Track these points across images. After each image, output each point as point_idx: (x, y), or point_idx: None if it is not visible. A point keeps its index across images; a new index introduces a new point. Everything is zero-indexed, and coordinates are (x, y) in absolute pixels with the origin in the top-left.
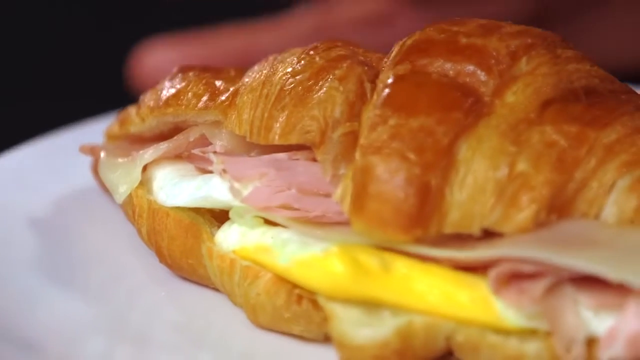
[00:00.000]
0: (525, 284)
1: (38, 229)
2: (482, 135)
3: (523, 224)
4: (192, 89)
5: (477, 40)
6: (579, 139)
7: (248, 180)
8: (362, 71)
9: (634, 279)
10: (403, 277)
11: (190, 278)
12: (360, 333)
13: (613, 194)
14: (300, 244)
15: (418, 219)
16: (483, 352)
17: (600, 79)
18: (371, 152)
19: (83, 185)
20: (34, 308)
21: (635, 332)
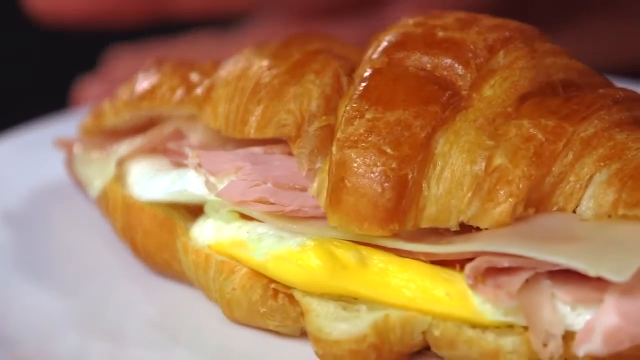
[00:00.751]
0: (502, 279)
1: (12, 224)
2: (459, 129)
3: (500, 218)
4: (166, 83)
5: (454, 33)
6: (557, 133)
7: (223, 174)
8: (339, 65)
9: (611, 274)
10: (379, 271)
11: (165, 273)
12: (337, 328)
13: (590, 188)
14: (276, 238)
15: (395, 213)
16: (460, 346)
17: (578, 73)
18: (348, 146)
19: (57, 180)
20: (7, 303)
21: (613, 327)
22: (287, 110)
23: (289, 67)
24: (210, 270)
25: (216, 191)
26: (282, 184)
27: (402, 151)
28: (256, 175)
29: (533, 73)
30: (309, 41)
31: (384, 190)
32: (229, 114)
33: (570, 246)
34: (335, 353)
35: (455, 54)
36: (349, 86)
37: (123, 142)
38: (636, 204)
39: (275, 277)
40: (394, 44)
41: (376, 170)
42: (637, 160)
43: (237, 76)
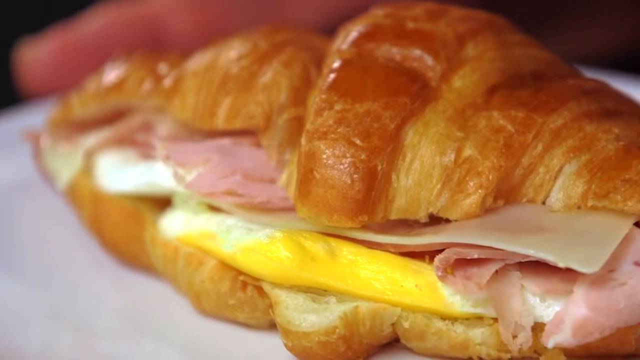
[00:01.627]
0: (472, 270)
1: None
2: (429, 121)
3: (470, 209)
4: (134, 74)
5: (424, 24)
6: (526, 124)
7: (192, 166)
8: (307, 56)
9: (581, 265)
10: (349, 263)
11: (134, 265)
12: (306, 319)
13: (560, 179)
14: (245, 230)
15: (364, 204)
16: (429, 338)
17: (546, 63)
18: (317, 137)
19: (24, 173)
20: None
21: (582, 318)
22: (256, 102)
23: (257, 58)
24: (178, 262)
25: (184, 183)
26: (250, 176)
27: (371, 142)
28: (225, 167)
29: (502, 64)
30: (276, 32)
31: (353, 182)
32: (197, 106)
33: (539, 237)
34: (304, 345)
35: (424, 45)
36: (317, 77)
37: (91, 134)
38: (605, 195)
39: (244, 269)
40: (364, 34)
41: (345, 161)
42: (606, 152)
43: (205, 68)
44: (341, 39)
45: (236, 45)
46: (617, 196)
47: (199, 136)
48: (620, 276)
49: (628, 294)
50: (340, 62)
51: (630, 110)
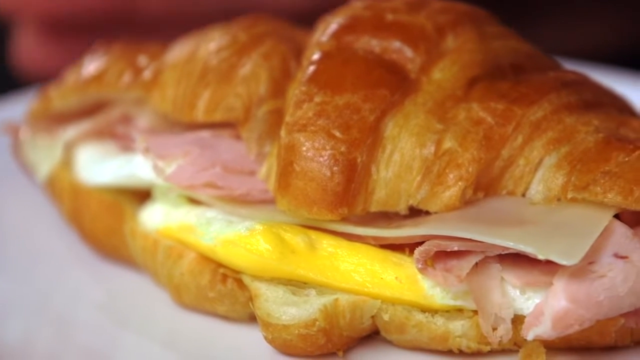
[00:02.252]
0: (452, 263)
1: None
2: (408, 113)
3: (450, 202)
4: (114, 67)
5: (403, 16)
6: (506, 117)
7: (172, 158)
8: (287, 48)
9: (560, 257)
10: (329, 255)
11: (114, 258)
12: (286, 312)
13: (540, 171)
14: (224, 222)
15: (344, 197)
16: (409, 330)
17: (526, 55)
18: (297, 130)
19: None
20: None
21: (562, 310)
22: (236, 94)
23: (237, 50)
24: (158, 254)
25: (164, 175)
26: (230, 168)
27: (351, 135)
28: (204, 159)
29: (482, 56)
30: (256, 24)
31: (333, 174)
32: (177, 98)
33: (519, 230)
34: (284, 337)
35: (404, 37)
36: (297, 69)
37: (70, 126)
38: (585, 187)
39: (224, 262)
40: (343, 27)
41: (325, 154)
42: (586, 144)
43: (185, 60)
44: (320, 32)
45: (215, 37)
46: (597, 188)
47: (178, 128)
48: (600, 268)
49: (607, 286)
50: (319, 54)
51: (610, 102)
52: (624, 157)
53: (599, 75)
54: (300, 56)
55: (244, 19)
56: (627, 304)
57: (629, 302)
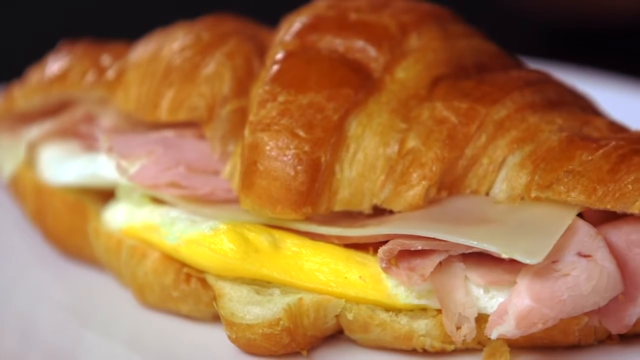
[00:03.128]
0: (415, 262)
1: None
2: (372, 112)
3: (413, 201)
4: (77, 66)
5: (367, 15)
6: (469, 116)
7: (135, 157)
8: (250, 47)
9: (524, 256)
10: (293, 255)
11: (77, 257)
12: (250, 312)
13: (503, 170)
14: (188, 222)
15: (308, 196)
16: (373, 330)
17: (490, 55)
18: (260, 129)
19: None
20: None
21: (525, 309)
22: (199, 93)
23: (200, 50)
24: (122, 254)
25: (128, 175)
26: (194, 168)
27: (314, 134)
28: (168, 158)
29: (446, 55)
30: (219, 23)
31: (297, 174)
32: (140, 97)
33: (483, 229)
34: (248, 337)
35: (367, 36)
36: (260, 69)
37: (34, 125)
38: (549, 186)
39: (187, 262)
40: (306, 26)
41: (289, 153)
42: (550, 143)
43: (148, 59)
44: (284, 31)
45: (179, 37)
46: (560, 187)
47: (142, 128)
48: (564, 267)
49: (571, 284)
50: (283, 53)
51: (573, 101)
52: (588, 156)
53: (562, 74)
54: (263, 55)
55: (207, 18)
56: (590, 302)
57: (592, 300)
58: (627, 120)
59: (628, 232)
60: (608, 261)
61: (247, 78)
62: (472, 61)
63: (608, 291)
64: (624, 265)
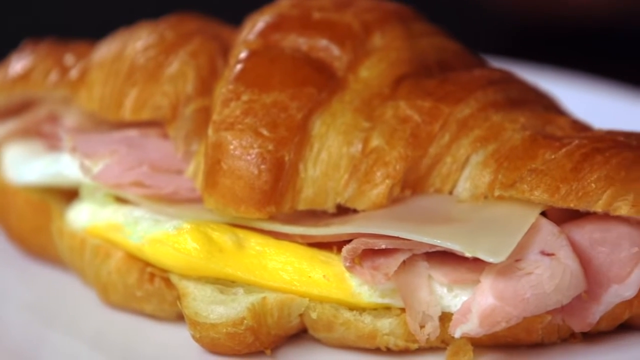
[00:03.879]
0: (379, 261)
1: None
2: (336, 111)
3: (377, 199)
4: (40, 65)
5: (330, 14)
6: (433, 114)
7: (99, 157)
8: (214, 46)
9: (487, 255)
10: (256, 254)
11: (41, 257)
12: (214, 311)
13: (467, 169)
14: (152, 221)
15: (271, 195)
16: (337, 328)
17: (453, 53)
18: (224, 128)
19: None
20: None
21: (489, 308)
22: (163, 93)
23: (164, 49)
24: (85, 254)
25: (91, 174)
26: (158, 167)
27: (278, 133)
28: (132, 158)
29: (409, 54)
30: (183, 22)
31: (261, 173)
32: (104, 97)
33: (446, 227)
34: (212, 336)
35: (331, 35)
36: (224, 68)
37: None
38: (512, 184)
39: (151, 261)
40: (270, 25)
41: (252, 152)
42: (513, 141)
43: (112, 59)
44: (247, 30)
45: (143, 36)
46: (524, 186)
47: (106, 127)
48: (527, 265)
49: (534, 283)
50: (247, 52)
51: (536, 99)
52: (551, 154)
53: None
54: (227, 54)
55: (171, 18)
56: (553, 301)
57: (555, 299)
58: (590, 118)
59: (591, 230)
60: (571, 259)
61: (211, 77)
62: (436, 60)
63: (571, 289)
64: (587, 263)
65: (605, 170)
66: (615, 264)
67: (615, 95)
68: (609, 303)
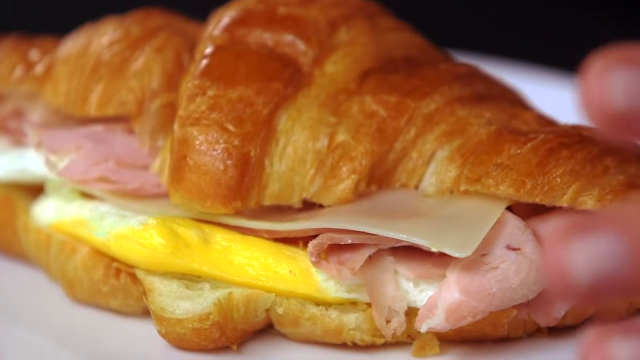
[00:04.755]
0: (345, 256)
1: None
2: (301, 106)
3: (343, 194)
4: (5, 60)
5: (296, 9)
6: (399, 109)
7: (64, 152)
8: (180, 41)
9: (453, 249)
10: (222, 249)
11: (6, 253)
12: (180, 306)
13: (432, 164)
14: (118, 217)
15: (237, 190)
16: (303, 324)
17: (419, 48)
18: (189, 124)
19: None
20: None
21: (455, 302)
22: (128, 88)
23: (129, 44)
24: (51, 249)
25: (57, 170)
26: (123, 162)
27: (244, 128)
28: (97, 153)
29: (375, 49)
30: (149, 17)
31: (227, 168)
32: (70, 92)
33: (412, 222)
34: (178, 332)
35: (296, 30)
36: (190, 63)
37: None
38: (478, 179)
39: (117, 256)
40: (235, 20)
41: (218, 147)
42: (479, 136)
43: (77, 54)
44: (213, 25)
45: (108, 31)
46: (489, 180)
47: (71, 123)
48: (493, 260)
49: (500, 277)
50: (212, 48)
51: (502, 94)
52: (516, 149)
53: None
54: (193, 50)
55: (136, 13)
56: (519, 295)
57: (521, 293)
58: (556, 113)
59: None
60: (537, 254)
61: (177, 72)
62: (402, 55)
63: (537, 284)
64: None
65: (570, 165)
66: None
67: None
68: None
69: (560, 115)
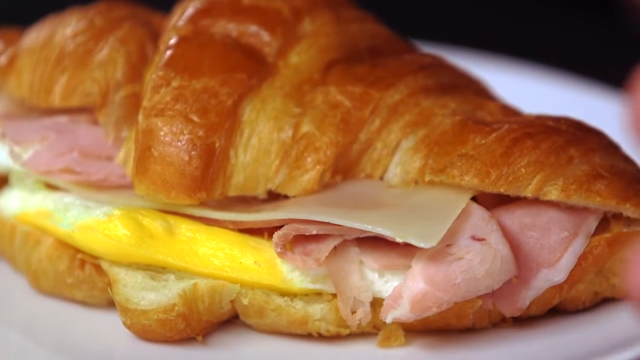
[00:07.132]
0: (310, 246)
1: None
2: (266, 97)
3: (308, 185)
4: None
5: (260, 0)
6: (363, 100)
7: (28, 143)
8: (144, 32)
9: (418, 240)
10: (187, 240)
11: None
12: (145, 297)
13: (397, 154)
14: (82, 208)
15: (202, 181)
16: (268, 314)
17: (383, 39)
18: (154, 114)
19: None
20: None
21: (419, 293)
22: (92, 79)
23: (93, 35)
24: (15, 240)
25: (21, 161)
26: (88, 153)
27: (209, 119)
28: (62, 144)
29: (339, 40)
30: (112, 8)
31: (191, 159)
32: (34, 83)
33: (377, 213)
34: (143, 323)
35: (260, 20)
36: (154, 54)
37: None
38: (442, 170)
39: (82, 248)
40: (200, 10)
41: (183, 138)
42: (443, 126)
43: (41, 45)
44: (177, 16)
45: (72, 22)
46: (454, 171)
47: (35, 114)
48: (458, 250)
49: (465, 268)
50: (176, 38)
51: (466, 84)
52: (481, 139)
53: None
54: (157, 41)
55: (100, 4)
56: (484, 285)
57: (486, 284)
58: (520, 103)
59: (521, 215)
60: (501, 244)
61: (141, 63)
62: (366, 45)
63: (502, 274)
64: (517, 248)
65: (535, 155)
66: (545, 249)
67: (543, 79)
68: (539, 288)
69: (524, 105)
